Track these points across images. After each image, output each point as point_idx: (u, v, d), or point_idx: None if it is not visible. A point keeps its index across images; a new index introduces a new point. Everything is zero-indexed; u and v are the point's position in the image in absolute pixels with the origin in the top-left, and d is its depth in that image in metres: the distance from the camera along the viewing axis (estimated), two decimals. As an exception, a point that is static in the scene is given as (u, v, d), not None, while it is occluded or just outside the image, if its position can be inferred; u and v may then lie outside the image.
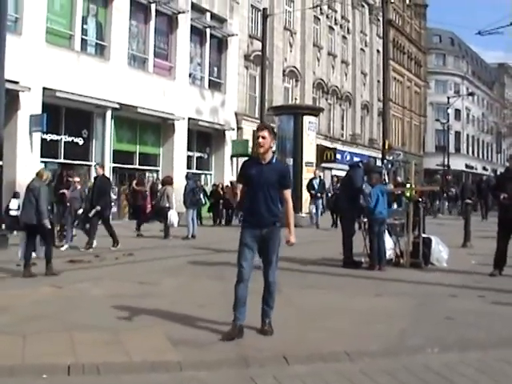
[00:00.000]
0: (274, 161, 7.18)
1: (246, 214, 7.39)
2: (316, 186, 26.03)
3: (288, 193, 7.18)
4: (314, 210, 26.06)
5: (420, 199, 14.07)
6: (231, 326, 7.04)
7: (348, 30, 53.39)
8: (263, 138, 7.03)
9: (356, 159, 38.59)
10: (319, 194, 26.50)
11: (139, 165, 30.70)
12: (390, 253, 13.34)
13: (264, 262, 7.18)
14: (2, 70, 16.82)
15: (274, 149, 7.48)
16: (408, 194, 13.44)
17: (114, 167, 28.50)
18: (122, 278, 11.39)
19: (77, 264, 13.39)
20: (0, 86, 16.89)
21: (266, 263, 7.15)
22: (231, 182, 29.46)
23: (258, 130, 7.24)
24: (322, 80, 48.14)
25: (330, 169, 45.28)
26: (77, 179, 18.22)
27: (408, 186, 13.93)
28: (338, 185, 29.58)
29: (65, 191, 18.66)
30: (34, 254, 12.38)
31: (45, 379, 5.48)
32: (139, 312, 8.25)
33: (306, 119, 27.80)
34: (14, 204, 19.39)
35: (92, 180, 18.14)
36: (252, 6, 39.56)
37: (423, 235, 13.66)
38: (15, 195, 19.96)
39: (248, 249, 7.06)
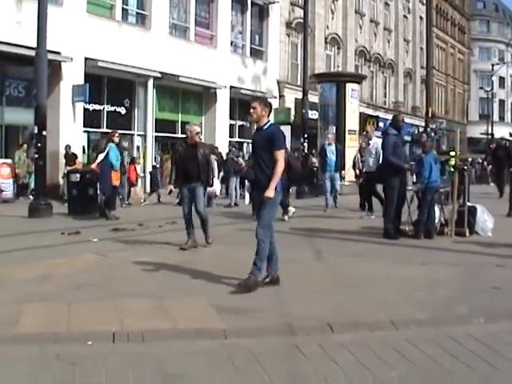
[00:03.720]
0: (265, 127, 7.88)
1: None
2: (330, 155, 19.03)
3: (277, 153, 7.67)
4: (328, 187, 18.80)
5: (465, 167, 13.78)
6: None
7: (391, -4, 52.61)
8: (254, 108, 7.85)
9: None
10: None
11: (181, 134, 30.71)
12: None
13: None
14: (44, 41, 16.90)
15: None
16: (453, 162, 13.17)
17: (156, 136, 28.62)
18: (165, 246, 11.43)
19: (120, 232, 13.52)
20: (42, 56, 16.99)
21: (257, 221, 7.84)
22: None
23: (251, 102, 8.13)
24: (365, 47, 47.55)
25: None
26: None
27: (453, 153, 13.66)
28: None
29: None
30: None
31: (90, 346, 5.52)
32: (183, 279, 8.31)
33: (349, 87, 27.64)
34: None
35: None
36: (293, -28, 39.07)
37: (468, 204, 13.44)
38: None
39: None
